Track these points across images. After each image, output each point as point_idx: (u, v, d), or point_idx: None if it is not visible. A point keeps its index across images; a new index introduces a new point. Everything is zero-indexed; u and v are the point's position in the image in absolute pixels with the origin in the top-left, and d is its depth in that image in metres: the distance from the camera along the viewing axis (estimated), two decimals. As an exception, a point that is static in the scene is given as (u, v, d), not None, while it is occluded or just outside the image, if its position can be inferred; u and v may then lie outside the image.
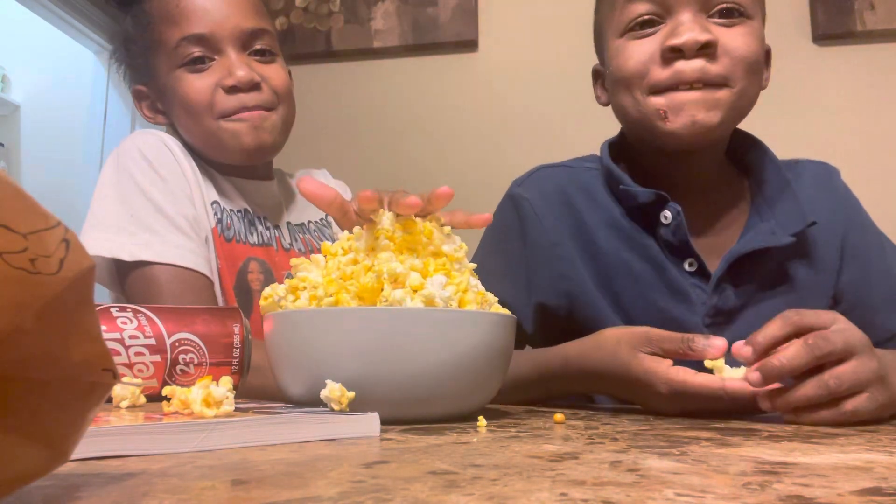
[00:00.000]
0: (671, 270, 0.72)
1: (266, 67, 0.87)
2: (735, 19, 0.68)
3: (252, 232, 0.89)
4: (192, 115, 0.85)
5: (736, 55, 0.67)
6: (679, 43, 0.66)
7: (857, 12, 1.59)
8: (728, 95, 0.67)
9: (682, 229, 0.71)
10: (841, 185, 0.79)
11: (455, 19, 1.78)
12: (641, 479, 0.25)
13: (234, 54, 0.85)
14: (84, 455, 0.29)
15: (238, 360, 0.57)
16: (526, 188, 0.81)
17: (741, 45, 0.67)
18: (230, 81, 0.83)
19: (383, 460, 0.29)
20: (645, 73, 0.69)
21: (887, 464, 0.29)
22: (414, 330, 0.45)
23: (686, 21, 0.67)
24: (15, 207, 0.18)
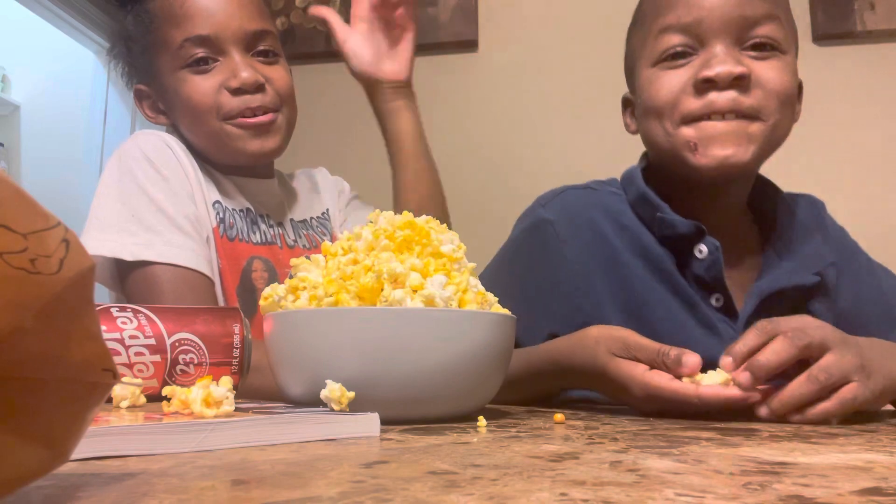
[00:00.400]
0: (701, 305, 0.71)
1: (270, 69, 0.87)
2: (768, 52, 0.67)
3: (255, 231, 0.89)
4: (195, 116, 0.85)
5: (769, 88, 0.66)
6: (712, 75, 0.66)
7: (857, 12, 1.59)
8: (761, 129, 0.67)
9: (719, 265, 0.69)
10: (828, 219, 0.81)
11: (455, 19, 1.78)
12: (641, 479, 0.25)
13: (238, 56, 0.84)
14: (84, 455, 0.29)
15: (238, 360, 0.57)
16: (550, 210, 0.79)
17: (774, 79, 0.67)
18: (235, 83, 0.83)
19: (383, 460, 0.29)
20: (676, 102, 0.68)
21: (887, 464, 0.29)
22: (414, 330, 0.45)
23: (720, 53, 0.67)
24: (15, 207, 0.18)
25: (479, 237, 1.00)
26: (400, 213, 0.53)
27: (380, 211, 0.55)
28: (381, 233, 0.52)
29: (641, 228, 0.74)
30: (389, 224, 0.53)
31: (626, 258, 0.73)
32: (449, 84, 1.78)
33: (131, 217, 0.79)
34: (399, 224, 0.53)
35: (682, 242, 0.72)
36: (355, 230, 0.54)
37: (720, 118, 0.67)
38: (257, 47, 0.87)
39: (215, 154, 0.88)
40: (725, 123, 0.66)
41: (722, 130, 0.66)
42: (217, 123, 0.84)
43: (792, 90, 0.69)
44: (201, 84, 0.84)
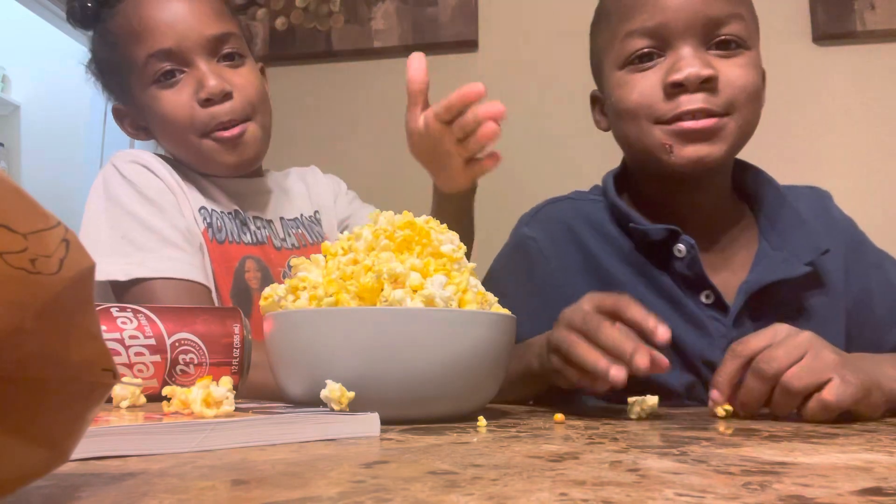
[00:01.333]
0: (688, 304, 0.72)
1: (236, 73, 0.86)
2: (733, 51, 0.68)
3: (245, 231, 0.89)
4: (173, 132, 0.86)
5: (737, 85, 0.67)
6: (681, 78, 0.66)
7: (857, 12, 1.59)
8: (732, 126, 0.68)
9: (697, 262, 0.70)
10: (835, 209, 0.80)
11: (455, 19, 1.78)
12: (641, 479, 0.25)
13: (203, 64, 0.84)
14: (84, 455, 0.29)
15: (238, 360, 0.57)
16: (532, 227, 0.81)
17: (741, 76, 0.68)
18: (203, 94, 0.82)
19: (383, 460, 0.29)
20: (648, 105, 0.69)
21: (887, 464, 0.29)
22: (414, 330, 0.45)
23: (686, 55, 0.67)
24: (15, 207, 0.18)
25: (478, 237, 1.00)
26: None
27: (380, 211, 0.55)
28: (381, 233, 0.52)
29: (621, 235, 0.76)
30: (389, 224, 0.53)
31: (609, 265, 0.75)
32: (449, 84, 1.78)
33: (122, 239, 0.79)
34: (399, 224, 0.53)
35: (662, 245, 0.72)
36: (355, 230, 0.54)
37: (691, 118, 0.67)
38: (222, 51, 0.86)
39: (201, 166, 0.89)
40: (696, 122, 0.67)
41: (695, 128, 0.67)
42: (195, 139, 0.84)
43: (758, 84, 0.70)
44: (172, 99, 0.83)
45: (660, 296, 0.73)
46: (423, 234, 0.52)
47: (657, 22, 0.68)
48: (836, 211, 0.80)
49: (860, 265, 0.76)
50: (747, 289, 0.70)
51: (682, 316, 0.71)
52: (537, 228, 0.81)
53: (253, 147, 0.88)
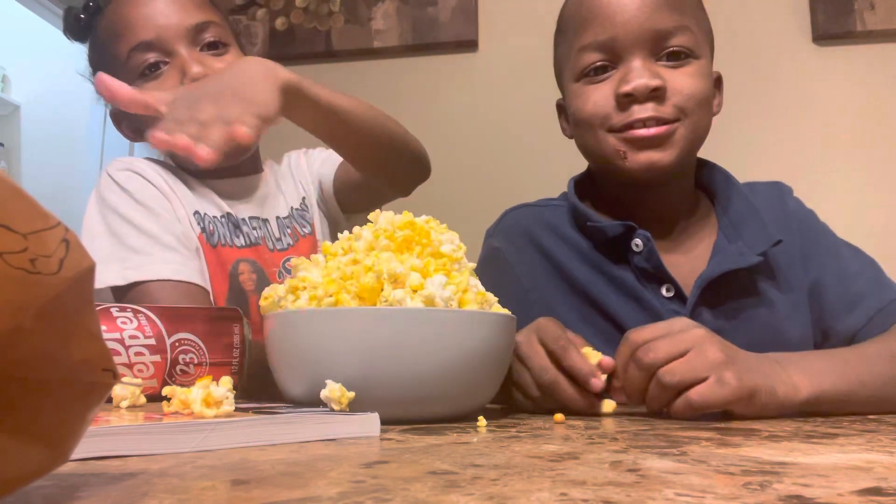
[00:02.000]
0: (649, 298, 0.74)
1: (219, 60, 0.86)
2: (682, 61, 0.72)
3: (238, 234, 0.89)
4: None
5: (685, 93, 0.71)
6: (630, 89, 0.70)
7: (857, 12, 1.59)
8: (681, 131, 0.71)
9: (655, 254, 0.73)
10: (791, 203, 0.82)
11: (455, 19, 1.78)
12: (641, 479, 0.25)
13: (185, 52, 0.84)
14: (84, 455, 0.29)
15: (238, 360, 0.57)
16: (497, 237, 0.85)
17: (690, 85, 0.71)
18: (187, 81, 0.82)
19: (383, 460, 0.29)
20: (602, 115, 0.73)
21: (887, 464, 0.29)
22: (414, 330, 0.45)
23: (636, 68, 0.71)
24: (15, 207, 0.18)
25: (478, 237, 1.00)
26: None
27: (380, 211, 0.55)
28: (381, 233, 0.52)
29: (581, 236, 0.79)
30: (389, 224, 0.53)
31: (571, 267, 0.78)
32: (449, 84, 1.78)
33: (119, 245, 0.80)
34: (399, 224, 0.53)
35: (620, 242, 0.75)
36: (355, 230, 0.54)
37: (642, 126, 0.71)
38: (203, 40, 0.86)
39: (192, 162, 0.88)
40: (647, 130, 0.71)
41: (646, 136, 0.71)
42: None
43: (706, 92, 0.73)
44: (156, 90, 0.83)
45: (621, 292, 0.75)
46: (423, 234, 0.52)
47: (608, 36, 0.72)
48: (793, 204, 0.82)
49: (816, 255, 0.78)
50: (701, 281, 0.72)
51: (644, 310, 0.74)
52: (501, 237, 0.85)
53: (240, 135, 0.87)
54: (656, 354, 0.52)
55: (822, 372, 0.58)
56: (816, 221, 0.83)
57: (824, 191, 1.52)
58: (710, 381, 0.51)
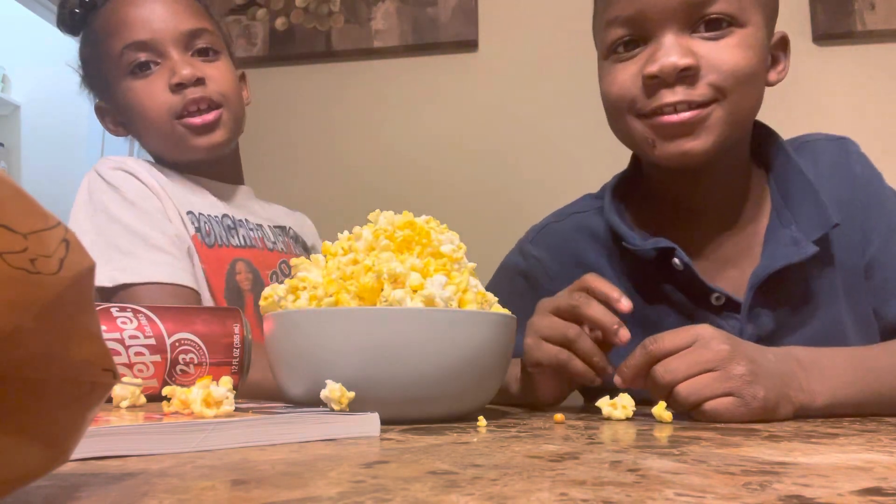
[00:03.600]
0: (698, 311, 0.69)
1: (209, 66, 0.90)
2: (723, 30, 0.63)
3: (233, 235, 0.91)
4: (146, 119, 0.88)
5: (724, 70, 0.62)
6: (656, 70, 0.62)
7: (857, 12, 1.59)
8: (719, 115, 0.63)
9: (696, 279, 0.67)
10: (858, 167, 0.73)
11: (455, 19, 1.78)
12: (641, 479, 0.25)
13: (176, 55, 0.87)
14: (84, 455, 0.29)
15: (238, 360, 0.57)
16: (536, 246, 0.80)
17: (729, 59, 0.63)
18: (175, 80, 0.86)
19: (383, 460, 0.29)
20: (629, 98, 0.66)
21: (887, 464, 0.29)
22: (414, 330, 0.45)
23: (665, 44, 0.63)
24: (15, 207, 0.18)
25: (478, 237, 1.00)
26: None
27: (379, 210, 0.55)
28: (381, 233, 0.52)
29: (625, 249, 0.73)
30: (389, 224, 0.53)
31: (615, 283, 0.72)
32: (449, 84, 1.78)
33: (107, 245, 0.80)
34: (399, 224, 0.53)
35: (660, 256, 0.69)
36: (355, 230, 0.54)
37: (672, 111, 0.63)
38: (195, 46, 0.89)
39: (172, 153, 0.91)
40: (675, 115, 0.63)
41: (676, 122, 0.63)
42: (167, 124, 0.87)
43: (752, 66, 0.64)
44: (146, 88, 0.87)
45: (670, 307, 0.71)
46: (423, 234, 0.52)
47: (635, 10, 0.64)
48: (859, 168, 0.73)
49: (876, 228, 0.71)
50: (754, 281, 0.66)
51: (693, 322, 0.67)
52: (542, 248, 0.80)
53: (222, 131, 0.89)
54: (673, 377, 0.51)
55: (843, 379, 0.56)
56: (881, 188, 0.73)
57: (824, 191, 1.52)
58: (732, 401, 0.50)
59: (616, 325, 0.56)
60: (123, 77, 0.87)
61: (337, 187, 1.75)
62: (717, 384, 0.50)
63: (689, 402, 0.51)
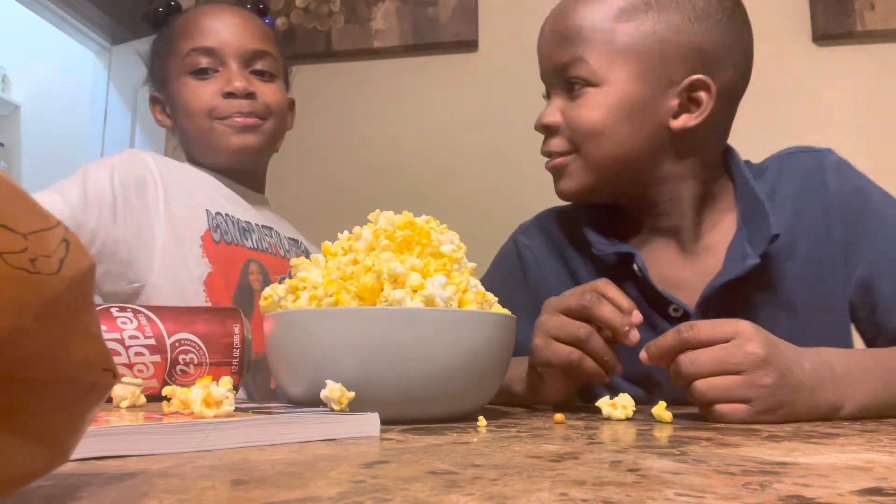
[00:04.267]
0: (654, 317, 0.70)
1: (263, 85, 0.95)
2: (577, 91, 0.71)
3: (247, 237, 0.93)
4: (189, 115, 0.93)
5: (573, 126, 0.71)
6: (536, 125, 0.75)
7: (857, 12, 1.59)
8: (577, 163, 0.72)
9: (649, 283, 0.70)
10: (833, 180, 0.72)
11: (455, 19, 1.78)
12: (641, 479, 0.25)
13: (235, 67, 0.93)
14: (84, 455, 0.29)
15: (238, 360, 0.57)
16: (528, 235, 0.85)
17: (576, 118, 0.71)
18: (228, 88, 0.91)
19: (383, 460, 0.29)
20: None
21: (887, 464, 0.29)
22: (414, 330, 0.45)
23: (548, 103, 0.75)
24: (15, 208, 0.18)
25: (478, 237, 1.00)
26: None
27: (380, 210, 0.55)
28: (381, 233, 0.52)
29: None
30: (389, 224, 0.53)
31: (586, 279, 0.73)
32: (449, 84, 1.78)
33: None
34: (399, 224, 0.53)
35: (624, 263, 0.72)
36: (355, 230, 0.54)
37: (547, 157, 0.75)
38: (255, 65, 0.95)
39: (205, 151, 0.95)
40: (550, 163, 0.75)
41: (550, 169, 0.75)
42: (207, 122, 0.92)
43: (598, 122, 0.70)
44: (199, 88, 0.92)
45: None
46: (423, 234, 0.52)
47: (540, 72, 0.77)
48: (834, 181, 0.72)
49: (866, 242, 0.70)
50: (703, 295, 0.68)
51: (652, 329, 0.69)
52: (533, 237, 0.85)
53: (259, 138, 0.94)
54: (696, 369, 0.51)
55: (872, 386, 0.55)
56: (866, 200, 0.72)
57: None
58: (743, 408, 0.50)
59: (627, 326, 0.56)
60: (183, 75, 0.93)
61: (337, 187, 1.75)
62: (737, 390, 0.50)
63: (704, 399, 0.51)
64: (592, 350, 0.58)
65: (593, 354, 0.58)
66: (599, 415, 0.55)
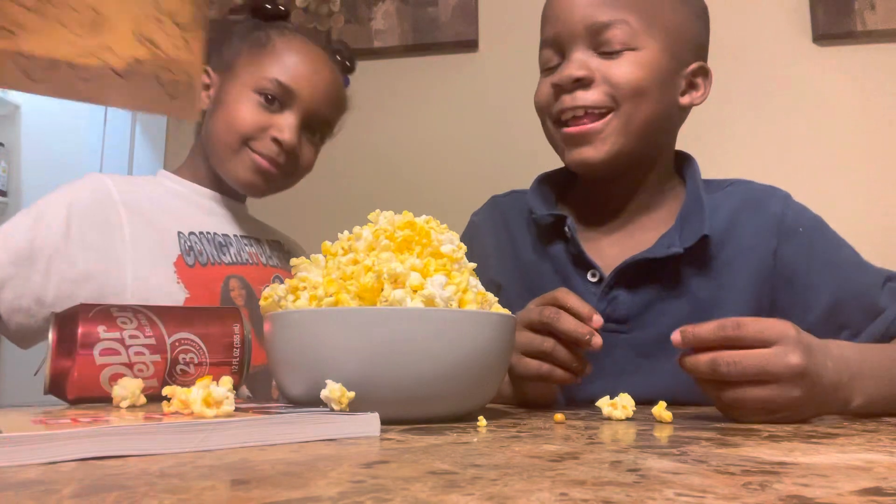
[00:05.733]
0: (574, 279, 0.79)
1: (307, 147, 0.95)
2: (616, 52, 0.74)
3: (224, 252, 0.92)
4: (229, 126, 0.90)
5: (615, 81, 0.74)
6: (556, 80, 0.76)
7: (857, 12, 1.59)
8: (614, 124, 0.74)
9: (576, 242, 0.78)
10: (777, 209, 0.79)
11: (455, 19, 1.78)
12: (641, 479, 0.25)
13: (296, 120, 0.91)
14: (84, 455, 0.29)
15: (238, 360, 0.57)
16: (478, 214, 0.96)
17: (618, 73, 0.74)
18: (279, 136, 0.89)
19: (383, 460, 0.29)
20: (545, 105, 0.79)
21: (887, 464, 0.29)
22: (414, 330, 0.45)
23: (569, 60, 0.76)
24: None
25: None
26: None
27: (380, 210, 0.55)
28: (381, 233, 0.52)
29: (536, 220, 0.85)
30: (389, 224, 0.53)
31: (524, 248, 0.85)
32: (449, 84, 1.78)
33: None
34: (399, 224, 0.53)
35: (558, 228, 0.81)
36: (355, 230, 0.54)
37: (571, 116, 0.75)
38: (311, 128, 0.94)
39: (216, 158, 0.93)
40: (576, 127, 0.75)
41: (573, 134, 0.75)
42: (238, 143, 0.90)
43: (644, 80, 0.74)
44: (255, 113, 0.90)
45: (555, 271, 0.81)
46: (423, 234, 0.52)
47: (554, 32, 0.78)
48: (776, 210, 0.79)
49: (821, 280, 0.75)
50: (618, 267, 0.76)
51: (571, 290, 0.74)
52: (482, 216, 0.94)
53: (268, 187, 0.93)
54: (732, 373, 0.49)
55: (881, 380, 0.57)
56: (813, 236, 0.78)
57: (824, 191, 1.52)
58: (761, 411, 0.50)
59: (588, 335, 0.60)
60: (250, 88, 0.90)
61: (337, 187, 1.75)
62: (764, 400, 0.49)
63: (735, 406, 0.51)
64: (559, 360, 0.62)
65: (561, 364, 0.62)
66: (599, 415, 0.55)
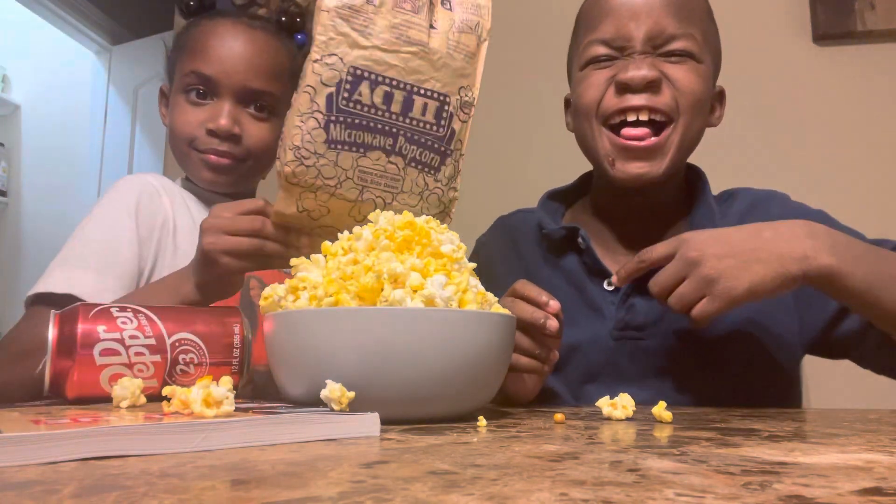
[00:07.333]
0: (590, 289, 0.79)
1: (255, 125, 0.91)
2: (683, 59, 0.74)
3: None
4: (173, 135, 0.92)
5: (679, 87, 0.73)
6: (627, 78, 0.73)
7: (857, 12, 1.59)
8: (674, 138, 0.74)
9: (591, 252, 0.79)
10: (775, 209, 0.81)
11: (455, 19, 1.78)
12: (641, 479, 0.25)
13: (227, 104, 0.89)
14: (84, 455, 0.29)
15: (238, 360, 0.57)
16: (486, 236, 0.97)
17: (685, 79, 0.73)
18: (212, 125, 0.88)
19: (383, 460, 0.29)
20: (598, 99, 0.76)
21: (887, 464, 0.29)
22: (414, 330, 0.45)
23: (638, 60, 0.74)
24: None
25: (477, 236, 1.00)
26: None
27: (380, 210, 0.55)
28: (381, 233, 0.52)
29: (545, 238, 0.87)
30: (389, 224, 0.53)
31: (534, 262, 0.86)
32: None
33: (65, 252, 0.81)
34: (399, 224, 0.53)
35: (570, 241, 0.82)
36: (355, 230, 0.54)
37: (634, 116, 0.73)
38: (251, 106, 0.91)
39: (184, 169, 0.95)
40: (642, 143, 0.73)
41: (636, 147, 0.73)
42: (186, 148, 0.91)
43: (703, 94, 0.75)
44: (187, 113, 0.90)
45: (569, 283, 0.82)
46: (423, 234, 0.52)
47: (617, 33, 0.75)
48: (775, 210, 0.81)
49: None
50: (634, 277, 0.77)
51: (584, 300, 0.80)
52: (490, 235, 0.96)
53: (230, 180, 0.92)
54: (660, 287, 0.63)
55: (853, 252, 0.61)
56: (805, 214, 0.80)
57: (824, 191, 1.52)
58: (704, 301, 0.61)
59: (543, 319, 0.61)
60: (179, 90, 0.91)
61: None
62: (691, 292, 0.61)
63: (680, 312, 0.62)
64: (523, 349, 0.63)
65: (524, 353, 0.63)
66: (599, 415, 0.55)
